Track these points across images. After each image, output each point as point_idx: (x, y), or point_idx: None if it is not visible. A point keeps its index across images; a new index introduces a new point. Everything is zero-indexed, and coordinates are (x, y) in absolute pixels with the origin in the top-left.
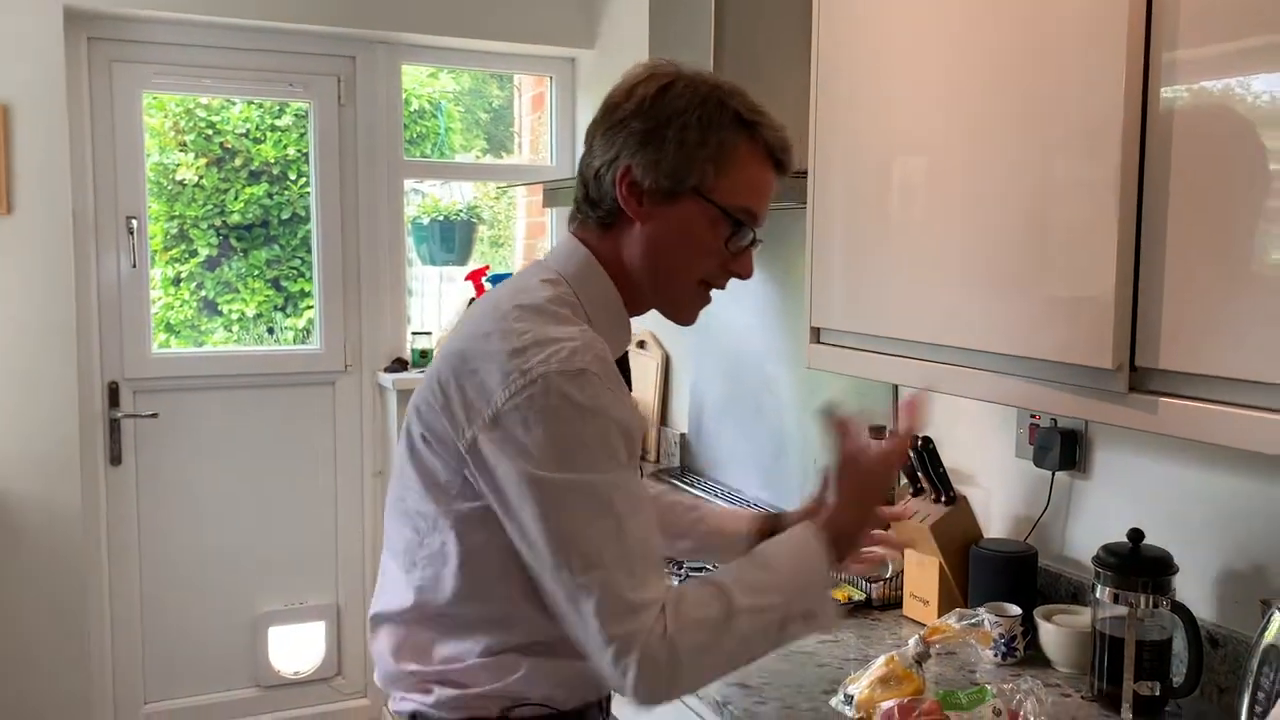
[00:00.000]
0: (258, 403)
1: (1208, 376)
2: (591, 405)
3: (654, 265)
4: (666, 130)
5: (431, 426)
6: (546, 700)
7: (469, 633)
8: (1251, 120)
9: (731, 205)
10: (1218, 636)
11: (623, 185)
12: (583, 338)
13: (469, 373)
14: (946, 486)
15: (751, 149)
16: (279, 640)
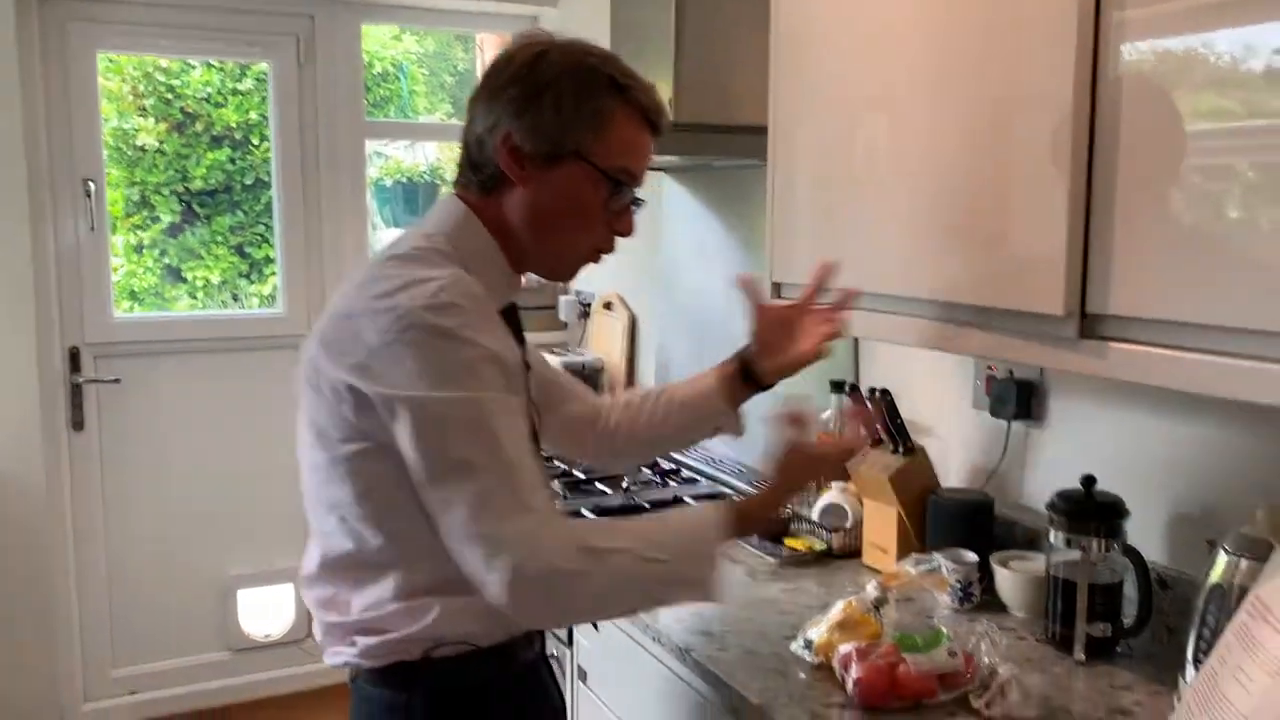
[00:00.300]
0: (222, 367)
1: (1156, 321)
2: (459, 334)
3: (537, 226)
4: (544, 96)
5: (315, 377)
6: (466, 638)
7: (379, 577)
8: (1198, 78)
9: (610, 166)
10: (1167, 578)
11: (504, 150)
12: (451, 277)
13: (346, 321)
14: (905, 438)
15: (626, 112)
16: (248, 603)
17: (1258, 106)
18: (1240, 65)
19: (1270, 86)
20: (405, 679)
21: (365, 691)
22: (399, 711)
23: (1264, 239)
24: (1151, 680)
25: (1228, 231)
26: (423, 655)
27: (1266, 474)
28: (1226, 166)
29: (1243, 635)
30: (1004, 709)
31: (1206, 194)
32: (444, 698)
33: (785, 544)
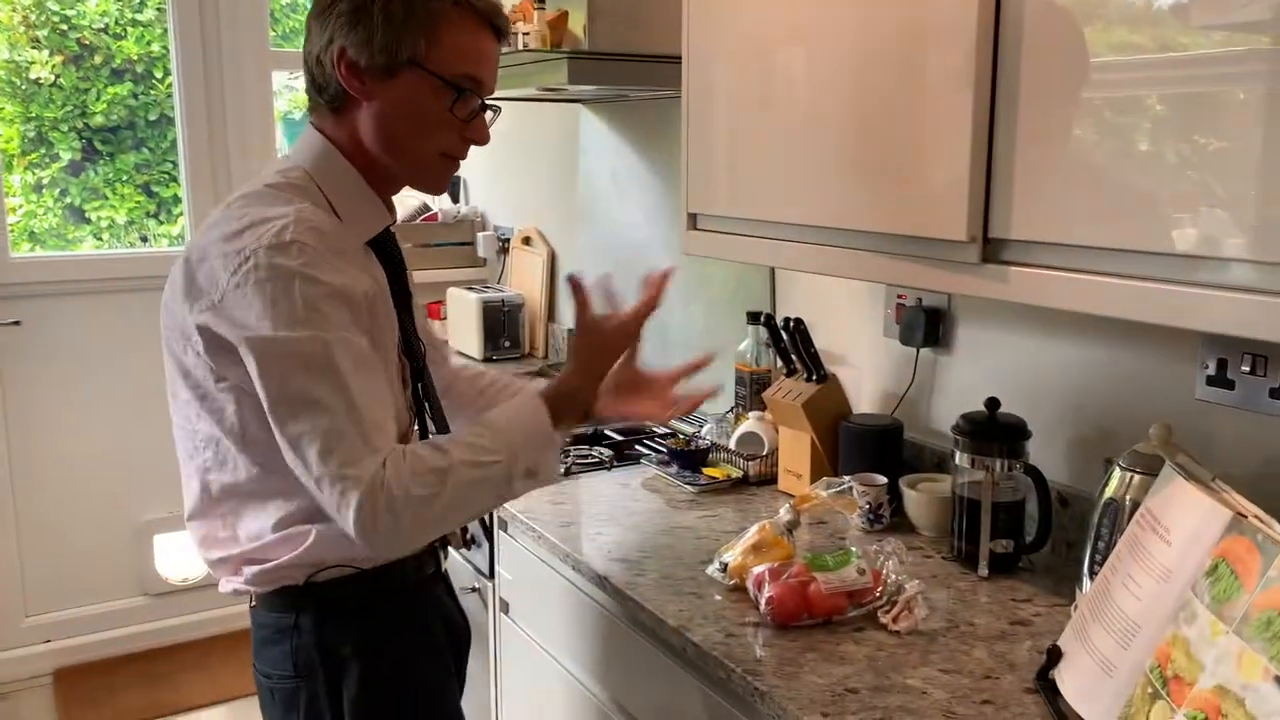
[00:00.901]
0: (130, 307)
1: (1054, 245)
2: (301, 271)
3: (389, 140)
4: (373, 7)
5: (172, 320)
6: (344, 561)
7: (258, 508)
8: (1098, 11)
9: (450, 74)
10: (1067, 496)
11: (340, 66)
12: (297, 214)
13: (199, 262)
14: (818, 366)
15: (461, 15)
16: (165, 547)
17: (1155, 40)
18: (1148, 1)
19: (1167, 21)
20: (292, 602)
21: (260, 617)
22: (287, 632)
23: (1155, 167)
24: (1051, 593)
25: (1122, 160)
26: (306, 580)
27: (1160, 393)
28: (1123, 98)
29: (1133, 545)
30: (910, 623)
31: (1104, 124)
32: (329, 616)
33: (703, 472)
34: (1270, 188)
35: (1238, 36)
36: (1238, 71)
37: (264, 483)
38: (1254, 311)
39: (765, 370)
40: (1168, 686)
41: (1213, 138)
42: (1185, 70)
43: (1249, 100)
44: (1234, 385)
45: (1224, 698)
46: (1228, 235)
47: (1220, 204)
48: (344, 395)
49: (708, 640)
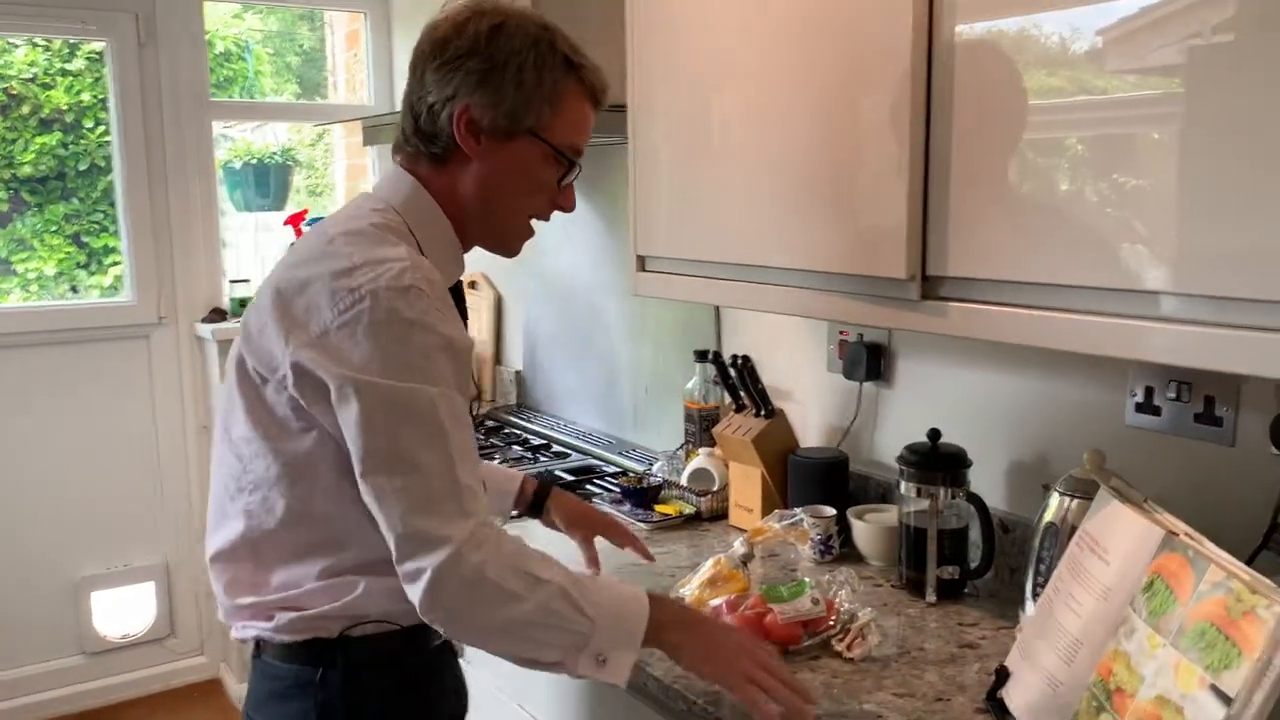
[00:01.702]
0: (66, 360)
1: (990, 281)
2: (419, 320)
3: (488, 200)
4: (505, 72)
5: (259, 351)
6: (386, 616)
7: (303, 557)
8: (1024, 58)
9: (563, 144)
10: (1008, 522)
11: (461, 123)
12: (411, 258)
13: (297, 295)
14: (766, 402)
15: (578, 90)
16: (103, 604)
17: (1079, 84)
18: (1065, 45)
19: (1091, 65)
20: (319, 654)
21: (272, 668)
22: (309, 687)
23: (1084, 204)
24: (996, 616)
25: (1048, 199)
26: (340, 632)
27: (1093, 421)
28: (1051, 140)
29: (1073, 566)
30: (864, 650)
31: (1033, 164)
32: (357, 672)
33: (655, 509)
34: (1186, 223)
35: (1152, 80)
36: (1153, 114)
37: (317, 529)
38: (1179, 340)
39: (714, 407)
40: (1111, 699)
41: (1131, 176)
42: (1103, 112)
43: (1164, 140)
44: (1160, 411)
45: (1164, 707)
46: (1150, 269)
47: (1142, 240)
48: (444, 455)
49: (669, 674)
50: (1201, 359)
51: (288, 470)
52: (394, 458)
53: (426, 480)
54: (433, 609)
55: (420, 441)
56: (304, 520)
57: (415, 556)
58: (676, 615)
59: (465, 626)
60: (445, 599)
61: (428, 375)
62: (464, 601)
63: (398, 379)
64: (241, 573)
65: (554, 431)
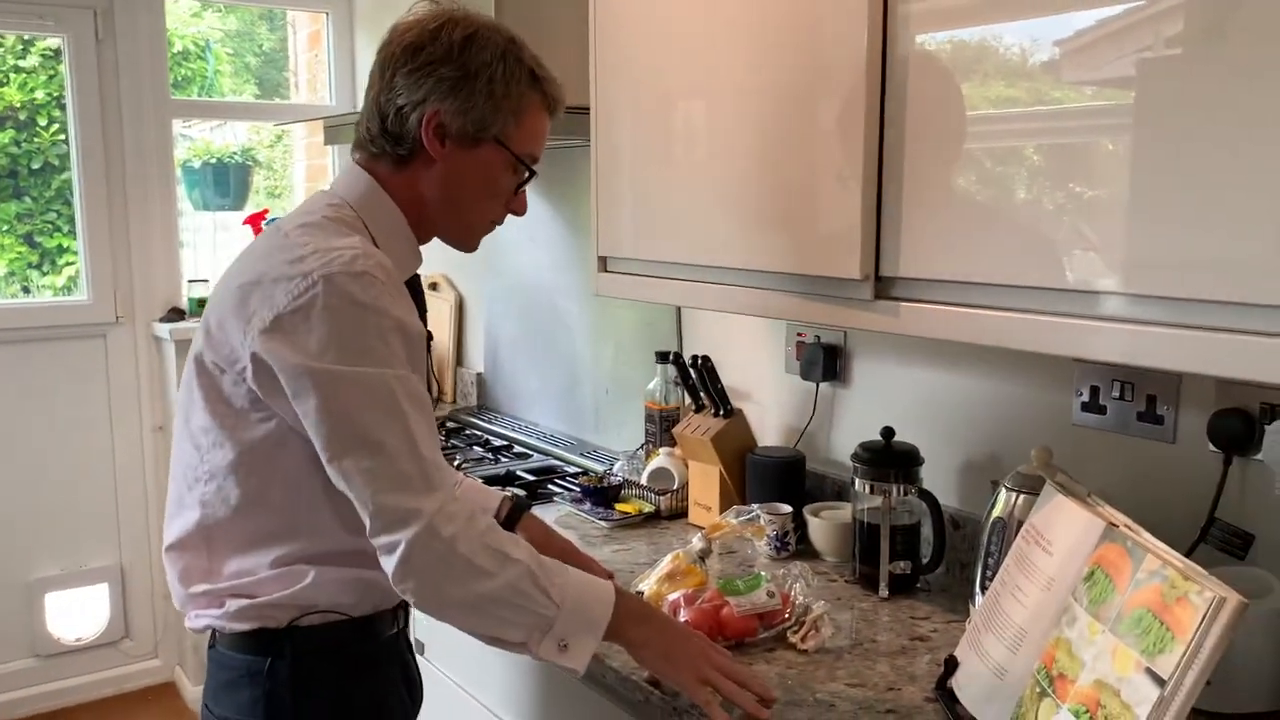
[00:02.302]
0: (18, 359)
1: (940, 281)
2: (373, 304)
3: (450, 201)
4: (476, 81)
5: (217, 345)
6: (334, 606)
7: (256, 545)
8: (974, 66)
9: (523, 152)
10: (959, 519)
11: (429, 127)
12: (363, 246)
13: (254, 286)
14: (725, 401)
15: (540, 102)
16: (57, 607)
17: (1028, 93)
18: (1012, 56)
19: (1041, 75)
20: (268, 644)
21: (224, 658)
22: (259, 676)
23: (1031, 208)
24: (947, 610)
25: (1001, 202)
26: (289, 623)
27: (1040, 419)
28: (1000, 147)
29: (1019, 558)
30: (817, 642)
31: (982, 169)
32: (305, 664)
33: (616, 508)
34: (1130, 227)
35: (1105, 91)
36: (1099, 123)
37: (271, 518)
38: (1121, 340)
39: (674, 407)
40: (1053, 685)
41: (1078, 182)
42: (1051, 121)
43: (1114, 150)
44: (1105, 410)
45: (1102, 690)
46: (1094, 271)
47: (1087, 243)
48: (405, 433)
49: (626, 665)
50: (1144, 357)
51: (244, 459)
52: (358, 441)
53: (392, 460)
54: (405, 579)
55: (381, 423)
56: (258, 509)
57: (389, 531)
58: (640, 611)
59: (436, 599)
60: (418, 570)
61: (384, 359)
62: (436, 574)
63: (354, 364)
64: (196, 561)
65: (515, 433)
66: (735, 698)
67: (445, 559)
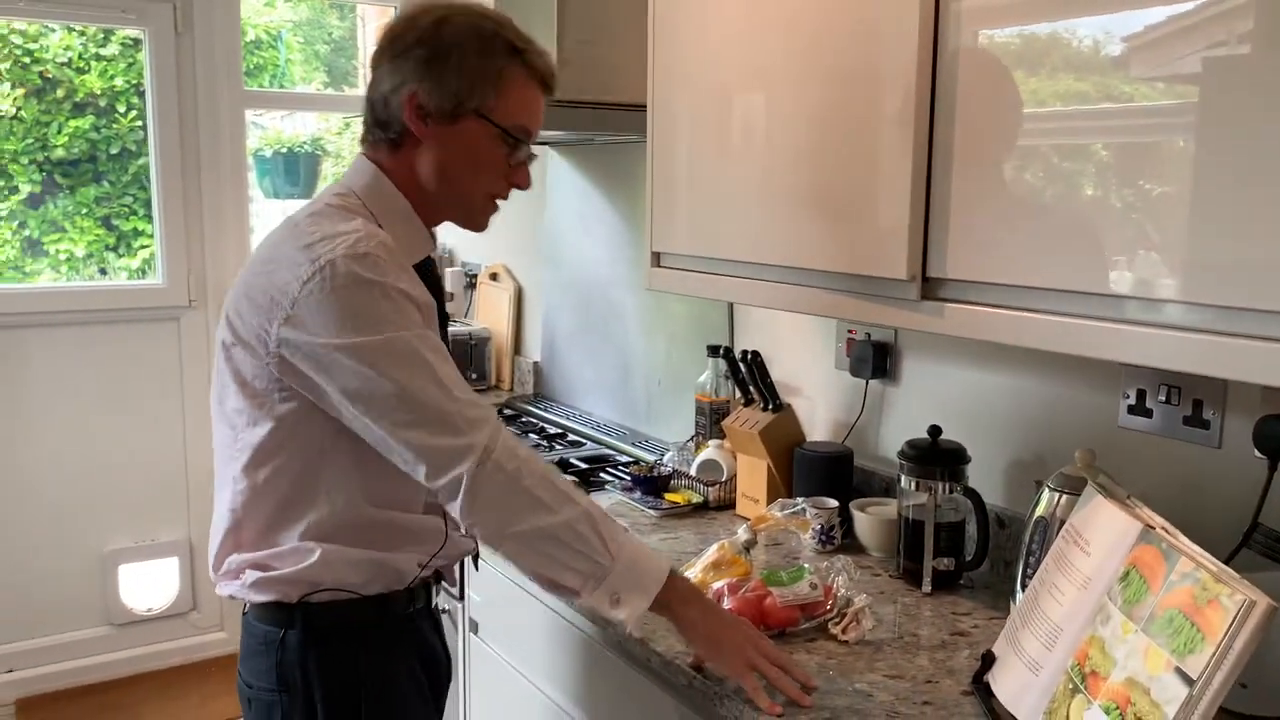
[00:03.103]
0: (98, 340)
1: (988, 284)
2: (378, 280)
3: (444, 180)
4: (448, 58)
5: (239, 332)
6: (342, 585)
7: (278, 521)
8: (1025, 63)
9: (508, 124)
10: (1004, 518)
11: (409, 108)
12: (366, 229)
13: (269, 277)
14: (774, 396)
15: (522, 73)
16: (130, 578)
17: (1081, 91)
18: (1067, 53)
19: (1094, 72)
20: (282, 617)
21: (250, 627)
22: (274, 646)
23: (1081, 211)
24: (989, 607)
25: (1049, 204)
26: (300, 598)
27: (1086, 421)
28: (1051, 145)
29: (1058, 557)
30: (858, 633)
31: (1032, 170)
32: (313, 637)
33: (665, 498)
34: (1185, 232)
35: (1157, 89)
36: (1154, 123)
37: (293, 492)
38: (1170, 346)
39: (724, 400)
40: (1086, 682)
41: (1131, 185)
42: (1105, 120)
43: (1165, 150)
44: (1151, 414)
45: (1133, 688)
46: (1147, 277)
47: (1139, 247)
48: (438, 384)
49: (670, 650)
50: (1193, 364)
51: (272, 436)
52: (396, 399)
53: (432, 408)
54: (471, 512)
55: (412, 379)
56: (282, 484)
57: (449, 469)
58: (692, 593)
59: (498, 529)
60: (482, 501)
61: (398, 323)
62: (499, 503)
63: (373, 333)
64: (231, 534)
65: (570, 421)
66: (779, 683)
67: (507, 488)
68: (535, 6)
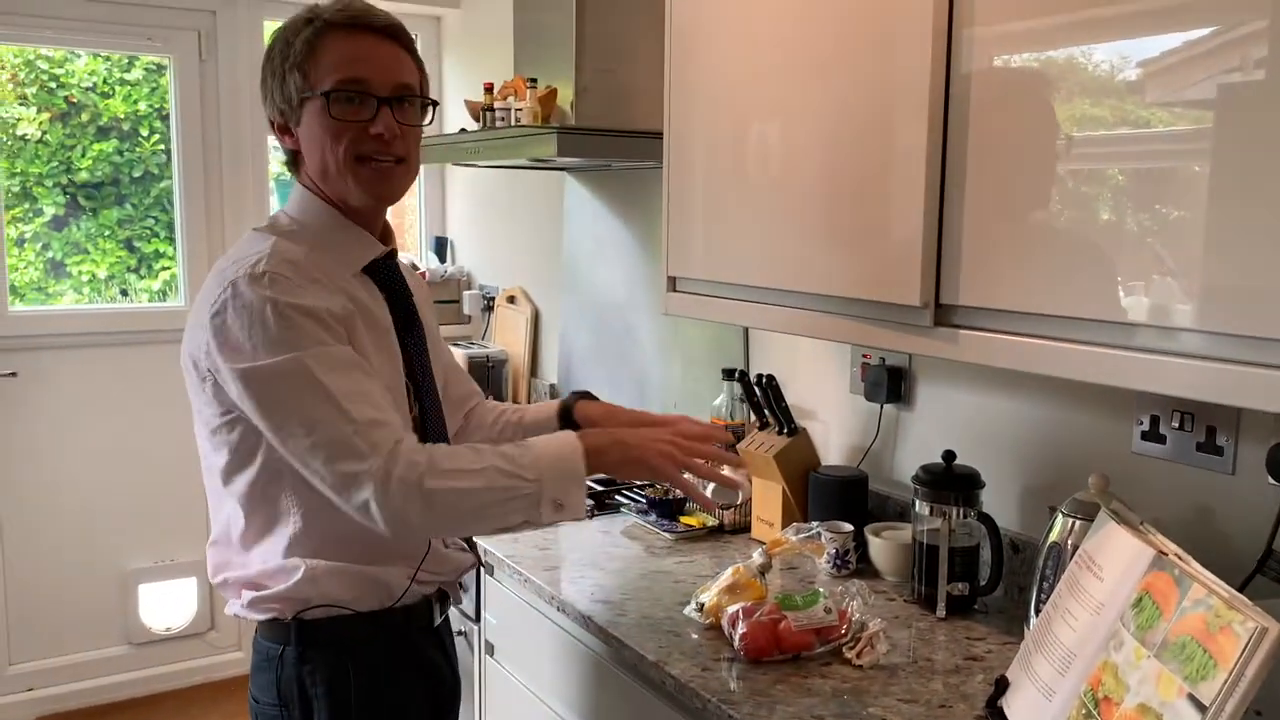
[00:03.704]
0: (121, 360)
1: (1000, 310)
2: (273, 298)
3: (316, 169)
4: (265, 72)
5: (185, 361)
6: (332, 601)
7: (264, 540)
8: (1035, 92)
9: (329, 86)
10: (1019, 543)
11: (273, 129)
12: (272, 248)
13: (202, 302)
14: (789, 419)
15: (325, 32)
16: (149, 597)
17: (1088, 118)
18: (1079, 80)
19: (1108, 98)
20: (279, 634)
21: (256, 642)
22: (274, 662)
23: (1090, 238)
24: (1003, 632)
25: (1060, 231)
26: (294, 615)
27: (1101, 446)
28: (1062, 173)
29: (1071, 583)
30: (872, 658)
31: (1043, 199)
32: (307, 654)
33: (680, 521)
34: (1198, 260)
35: (1173, 115)
36: (1168, 149)
37: (264, 512)
38: (1184, 375)
39: (739, 424)
40: (1099, 707)
41: (1144, 212)
42: (1119, 147)
43: (1177, 177)
44: (1165, 440)
45: (1146, 714)
46: (1161, 305)
47: (1151, 275)
48: (332, 403)
49: (685, 674)
50: (1206, 393)
51: (232, 459)
52: (294, 422)
53: (328, 430)
54: (393, 528)
55: (308, 402)
56: (254, 507)
57: (354, 492)
58: (603, 440)
59: (431, 532)
60: (398, 517)
61: (293, 343)
62: (417, 509)
63: (269, 355)
64: (225, 553)
65: None
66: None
67: (418, 497)
68: (555, 37)
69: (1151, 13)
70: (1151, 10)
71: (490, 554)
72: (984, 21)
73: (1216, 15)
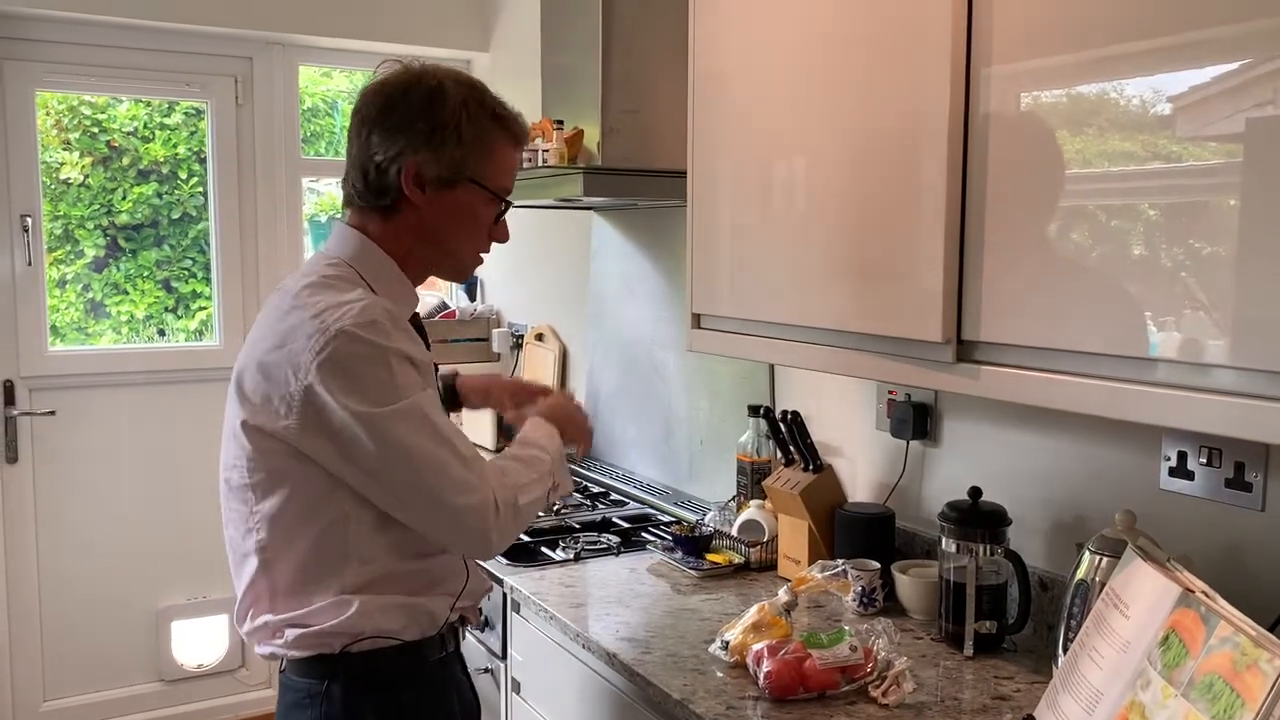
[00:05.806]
0: (157, 400)
1: (1022, 346)
2: (386, 344)
3: (439, 242)
4: (445, 130)
5: (253, 405)
6: (380, 632)
7: (310, 581)
8: (1053, 128)
9: (497, 187)
10: (1046, 580)
11: (409, 177)
12: (367, 298)
13: (279, 348)
14: (814, 456)
15: (505, 138)
16: (182, 634)
17: (1109, 154)
18: (1099, 117)
19: (1126, 134)
20: (325, 669)
21: (290, 681)
22: (318, 698)
23: (1110, 274)
24: (1031, 671)
25: (1080, 267)
26: (342, 649)
27: (1128, 483)
28: (1082, 209)
29: (1098, 620)
30: (898, 696)
31: (1065, 236)
32: (357, 686)
33: (706, 558)
34: (1220, 295)
35: (1210, 148)
36: (1204, 184)
37: (318, 555)
38: (1212, 411)
39: (765, 460)
40: None
41: (1164, 248)
42: (1137, 182)
43: (1197, 213)
44: (1193, 476)
45: None
46: (1187, 339)
47: (1173, 311)
48: (446, 443)
49: (710, 712)
50: (1235, 429)
51: (292, 507)
52: (410, 463)
53: (445, 468)
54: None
55: (426, 441)
56: (306, 553)
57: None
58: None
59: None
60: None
61: (405, 389)
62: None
63: (387, 402)
64: (260, 598)
65: (613, 480)
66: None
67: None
68: (581, 79)
69: (1168, 49)
70: (1168, 46)
71: (517, 591)
72: (1001, 60)
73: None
